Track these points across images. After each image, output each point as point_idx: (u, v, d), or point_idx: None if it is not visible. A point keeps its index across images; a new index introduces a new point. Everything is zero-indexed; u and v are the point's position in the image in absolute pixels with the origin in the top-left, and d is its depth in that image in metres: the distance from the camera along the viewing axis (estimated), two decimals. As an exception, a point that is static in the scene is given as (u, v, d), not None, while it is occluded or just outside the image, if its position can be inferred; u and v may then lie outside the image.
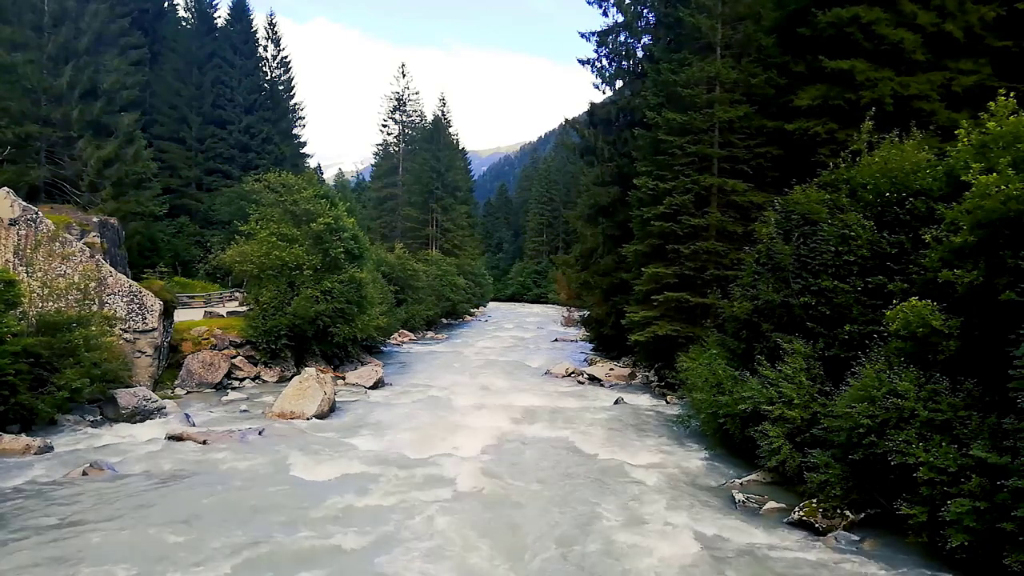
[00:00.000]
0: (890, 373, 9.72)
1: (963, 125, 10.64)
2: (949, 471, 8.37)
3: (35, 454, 12.39)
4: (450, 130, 72.09)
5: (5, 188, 18.24)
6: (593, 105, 30.50)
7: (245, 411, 17.63)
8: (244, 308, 25.22)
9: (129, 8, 37.36)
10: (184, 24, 48.45)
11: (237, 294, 33.01)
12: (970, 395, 8.94)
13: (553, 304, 69.12)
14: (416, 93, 70.71)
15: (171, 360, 20.73)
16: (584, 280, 31.12)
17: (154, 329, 19.00)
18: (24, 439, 12.76)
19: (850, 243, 11.92)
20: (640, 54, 28.57)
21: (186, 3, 49.43)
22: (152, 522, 9.33)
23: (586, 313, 33.98)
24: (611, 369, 25.95)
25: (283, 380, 21.51)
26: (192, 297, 31.31)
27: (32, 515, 9.46)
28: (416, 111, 70.28)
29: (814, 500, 10.23)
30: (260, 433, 14.78)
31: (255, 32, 49.53)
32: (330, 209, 24.51)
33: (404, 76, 69.12)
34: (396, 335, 36.99)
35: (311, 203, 24.33)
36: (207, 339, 21.98)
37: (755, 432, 11.93)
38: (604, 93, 30.38)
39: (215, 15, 49.20)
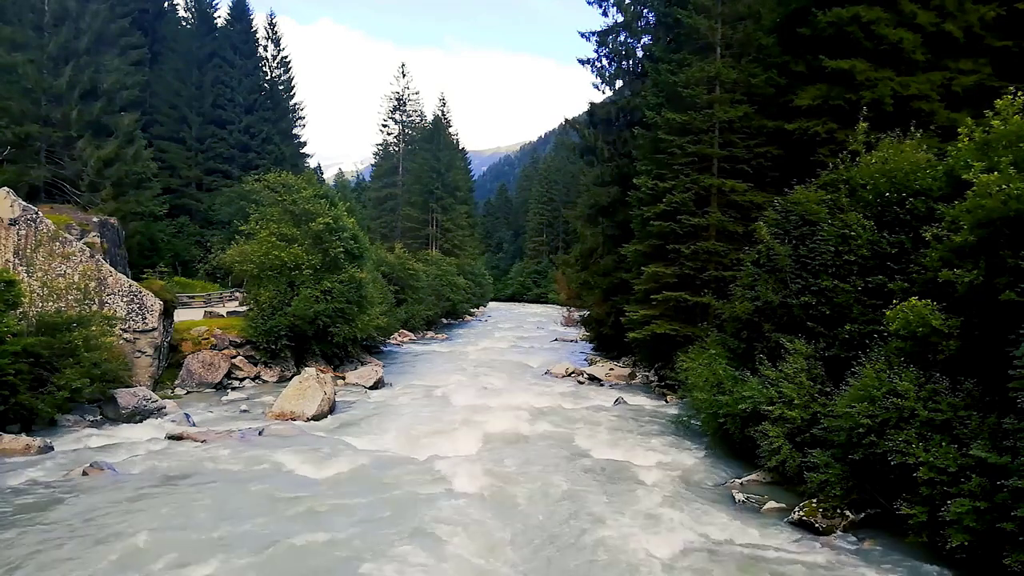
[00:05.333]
0: (890, 373, 9.71)
1: (967, 123, 10.62)
2: (949, 471, 8.37)
3: (35, 454, 12.38)
4: (450, 130, 72.24)
5: (5, 188, 18.23)
6: (593, 105, 30.50)
7: (245, 411, 17.63)
8: (244, 308, 25.21)
9: (129, 8, 37.39)
10: (184, 24, 48.47)
11: (237, 294, 33.00)
12: (970, 395, 8.93)
13: (553, 304, 69.15)
14: (416, 93, 70.93)
15: (171, 360, 20.73)
16: (584, 280, 31.14)
17: (154, 329, 18.99)
18: (24, 439, 12.76)
19: (850, 243, 11.91)
20: (640, 54, 28.59)
21: (186, 3, 49.49)
22: (152, 522, 9.32)
23: (586, 313, 34.00)
24: (611, 369, 25.94)
25: (283, 380, 21.50)
26: (192, 297, 31.30)
27: (32, 515, 9.45)
28: (416, 111, 70.45)
29: (814, 500, 10.23)
30: (260, 433, 14.77)
31: (255, 32, 49.56)
32: (330, 209, 24.51)
33: (404, 76, 69.27)
34: (396, 335, 36.99)
35: (311, 203, 24.33)
36: (207, 339, 21.97)
37: (755, 432, 11.92)
38: (604, 93, 30.45)
39: (215, 15, 49.22)
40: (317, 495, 10.88)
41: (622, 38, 28.92)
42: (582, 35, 29.36)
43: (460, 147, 79.98)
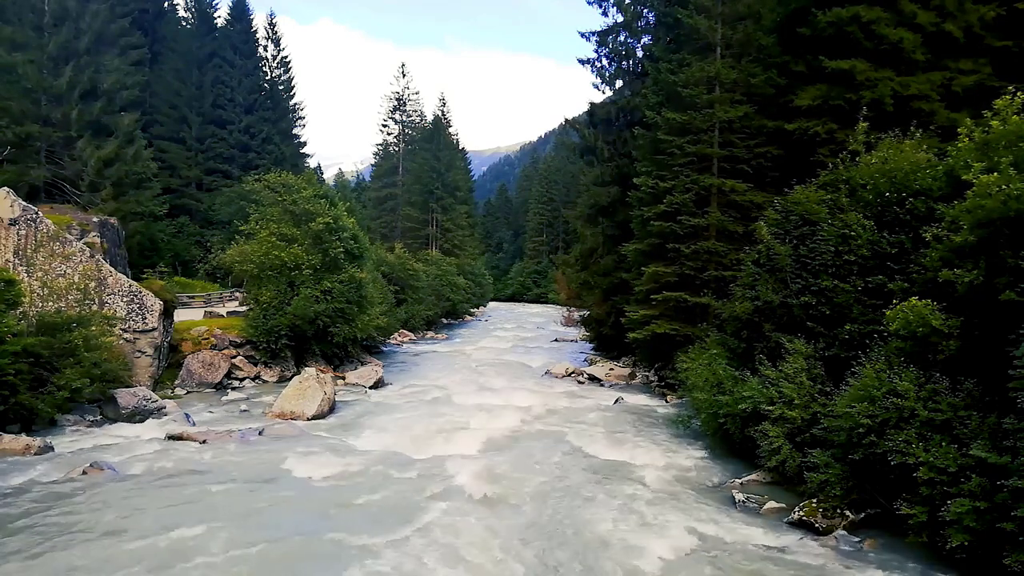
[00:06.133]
0: (890, 373, 9.71)
1: (967, 123, 10.62)
2: (949, 471, 8.36)
3: (35, 454, 12.38)
4: (450, 130, 72.25)
5: (5, 188, 18.24)
6: (593, 105, 30.49)
7: (245, 411, 17.63)
8: (244, 308, 25.23)
9: (129, 8, 37.42)
10: (184, 24, 48.48)
11: (237, 294, 33.04)
12: (970, 395, 8.92)
13: (553, 304, 69.13)
14: (416, 93, 70.93)
15: (171, 360, 20.73)
16: (584, 280, 31.13)
17: (154, 329, 19.00)
18: (24, 439, 12.76)
19: (850, 243, 11.91)
20: (640, 54, 28.59)
21: (186, 3, 49.50)
22: (152, 522, 9.33)
23: (586, 313, 33.99)
24: (611, 369, 25.94)
25: (283, 380, 21.50)
26: (192, 297, 31.31)
27: (32, 515, 9.45)
28: (416, 111, 70.47)
29: (814, 500, 10.23)
30: (260, 433, 14.78)
31: (255, 32, 49.58)
32: (330, 209, 24.52)
33: (404, 76, 69.28)
34: (396, 335, 36.99)
35: (311, 203, 24.34)
36: (207, 339, 21.97)
37: (755, 432, 11.92)
38: (604, 93, 30.44)
39: (215, 15, 49.24)
40: (317, 495, 10.88)
41: (622, 38, 28.94)
42: (582, 35, 29.38)
43: (460, 147, 80.00)
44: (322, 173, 67.79)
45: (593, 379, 24.78)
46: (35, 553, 8.26)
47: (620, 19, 28.60)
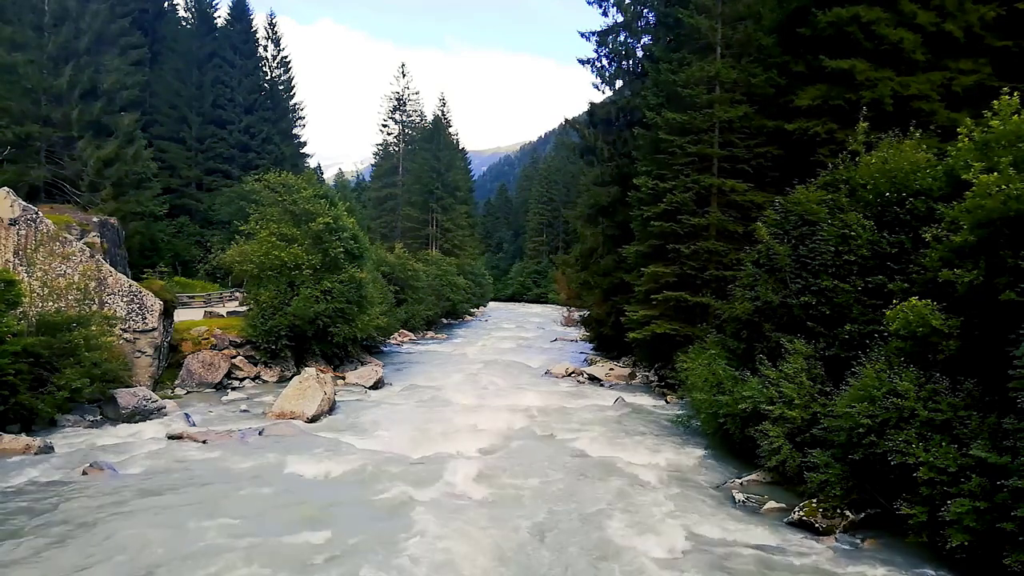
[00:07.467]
0: (890, 373, 9.72)
1: (967, 123, 10.62)
2: (949, 471, 8.37)
3: (35, 454, 12.38)
4: (450, 130, 72.21)
5: (5, 188, 18.24)
6: (593, 105, 30.49)
7: (245, 411, 17.63)
8: (244, 308, 25.22)
9: (129, 8, 37.39)
10: (184, 24, 48.45)
11: (237, 294, 33.02)
12: (970, 395, 8.93)
13: (553, 304, 69.16)
14: (416, 93, 70.92)
15: (171, 360, 20.73)
16: (584, 280, 31.15)
17: (154, 329, 19.00)
18: (24, 439, 12.76)
19: (850, 243, 11.92)
20: (640, 54, 28.58)
21: (186, 3, 49.45)
22: (152, 522, 9.33)
23: (586, 313, 34.00)
24: (611, 369, 25.94)
25: (283, 380, 21.50)
26: (192, 297, 31.30)
27: (32, 515, 9.46)
28: (416, 111, 70.46)
29: (814, 500, 10.23)
30: (260, 433, 14.78)
31: (255, 32, 49.54)
32: (330, 209, 24.52)
33: (404, 76, 69.29)
34: (396, 335, 36.99)
35: (311, 203, 24.34)
36: (207, 339, 21.97)
37: (755, 432, 11.92)
38: (604, 93, 30.43)
39: (215, 15, 49.18)
40: (317, 495, 10.88)
41: (622, 38, 28.92)
42: (582, 35, 29.37)
43: (460, 147, 79.97)
44: (322, 173, 67.75)
45: (593, 379, 24.78)
46: (35, 553, 8.26)
47: (620, 19, 28.60)
